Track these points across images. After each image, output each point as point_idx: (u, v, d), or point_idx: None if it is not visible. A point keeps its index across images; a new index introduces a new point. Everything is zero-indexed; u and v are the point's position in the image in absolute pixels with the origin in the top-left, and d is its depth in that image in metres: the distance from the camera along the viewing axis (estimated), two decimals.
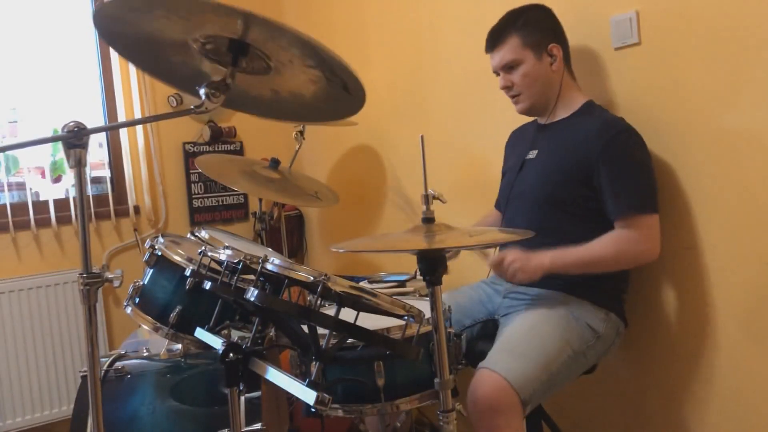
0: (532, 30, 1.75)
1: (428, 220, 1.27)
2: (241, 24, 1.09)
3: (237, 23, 1.10)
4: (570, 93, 1.80)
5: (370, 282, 2.22)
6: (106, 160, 3.02)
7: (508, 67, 1.78)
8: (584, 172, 1.67)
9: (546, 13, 1.80)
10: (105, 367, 1.58)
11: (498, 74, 1.83)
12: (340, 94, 1.31)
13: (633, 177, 1.64)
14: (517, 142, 2.00)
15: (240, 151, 3.29)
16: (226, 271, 1.39)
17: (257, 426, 1.46)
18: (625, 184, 1.63)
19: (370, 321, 1.28)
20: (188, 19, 1.13)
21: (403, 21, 2.63)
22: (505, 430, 1.46)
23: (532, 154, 1.84)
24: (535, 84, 1.77)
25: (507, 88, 1.81)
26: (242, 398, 1.46)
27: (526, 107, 1.82)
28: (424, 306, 1.35)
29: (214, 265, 1.52)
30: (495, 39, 1.79)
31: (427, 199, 1.28)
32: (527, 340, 1.57)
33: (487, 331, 1.80)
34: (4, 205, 2.71)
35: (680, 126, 1.68)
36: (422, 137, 1.25)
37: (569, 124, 1.78)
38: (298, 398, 1.07)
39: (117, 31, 1.25)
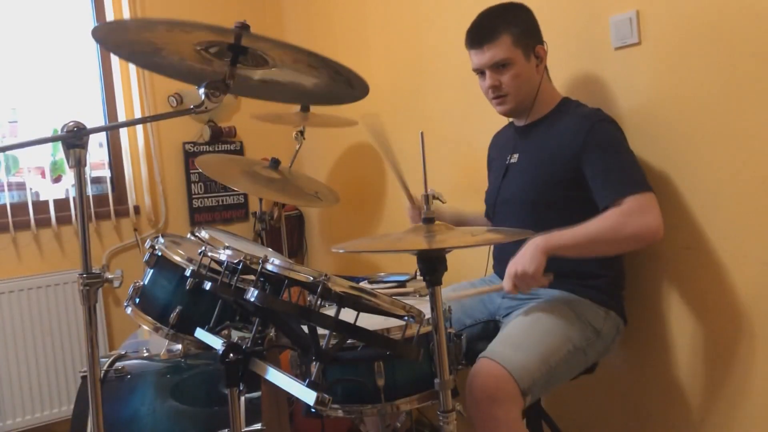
0: (524, 29, 1.71)
1: (428, 220, 1.27)
2: (236, 37, 1.12)
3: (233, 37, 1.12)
4: (547, 93, 1.79)
5: (370, 282, 2.21)
6: (106, 160, 3.02)
7: (499, 66, 1.70)
8: (570, 170, 1.66)
9: (530, 12, 1.76)
10: (105, 368, 1.58)
11: (480, 72, 1.76)
12: (343, 85, 1.32)
13: (620, 161, 1.63)
14: (498, 146, 1.99)
15: (240, 151, 3.28)
16: (226, 272, 1.39)
17: (257, 426, 1.46)
18: (613, 169, 1.61)
19: (370, 321, 1.28)
20: (188, 32, 1.15)
21: (404, 21, 2.63)
22: (503, 422, 1.43)
23: (514, 158, 1.82)
24: (524, 86, 1.73)
25: (494, 88, 1.73)
26: (242, 398, 1.46)
27: (510, 109, 1.77)
28: (424, 306, 1.35)
29: (214, 265, 1.52)
30: (485, 35, 1.70)
31: (427, 198, 1.27)
32: (528, 333, 1.56)
33: (488, 332, 1.79)
34: (4, 205, 2.71)
35: (680, 126, 1.68)
36: (422, 134, 1.24)
37: (547, 124, 1.77)
38: (298, 398, 1.07)
39: (117, 39, 1.26)
